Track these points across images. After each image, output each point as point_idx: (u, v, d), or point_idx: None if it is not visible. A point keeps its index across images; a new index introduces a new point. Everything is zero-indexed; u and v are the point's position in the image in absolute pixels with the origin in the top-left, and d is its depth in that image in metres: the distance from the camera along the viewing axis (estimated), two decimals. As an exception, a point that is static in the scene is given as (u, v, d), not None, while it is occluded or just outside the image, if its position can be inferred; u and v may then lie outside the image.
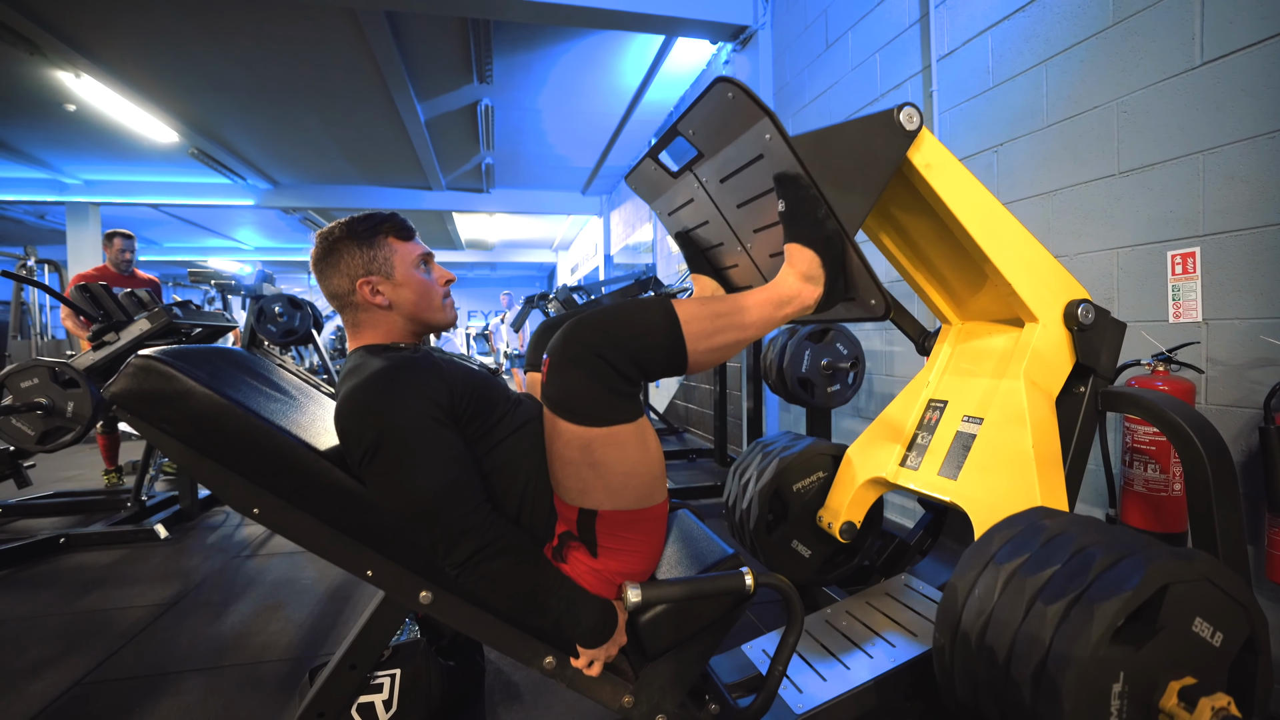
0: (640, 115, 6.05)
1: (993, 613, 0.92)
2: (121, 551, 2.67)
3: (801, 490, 1.63)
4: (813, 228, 0.98)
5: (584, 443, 0.87)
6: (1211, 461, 1.13)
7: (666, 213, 1.43)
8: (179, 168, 7.43)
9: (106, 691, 1.58)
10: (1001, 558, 0.96)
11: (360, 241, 1.04)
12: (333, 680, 1.03)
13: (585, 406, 0.85)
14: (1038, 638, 0.84)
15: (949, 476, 1.33)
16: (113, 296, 2.94)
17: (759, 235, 1.18)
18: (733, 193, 1.15)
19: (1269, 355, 1.42)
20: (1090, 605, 0.81)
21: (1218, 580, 0.87)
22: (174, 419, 0.86)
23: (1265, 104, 1.42)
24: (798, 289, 0.99)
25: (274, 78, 5.04)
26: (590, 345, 0.83)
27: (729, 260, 1.35)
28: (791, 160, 0.95)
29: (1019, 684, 0.85)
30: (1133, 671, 0.82)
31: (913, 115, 1.07)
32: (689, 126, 1.09)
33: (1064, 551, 0.91)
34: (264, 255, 13.86)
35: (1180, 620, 0.85)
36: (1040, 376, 1.29)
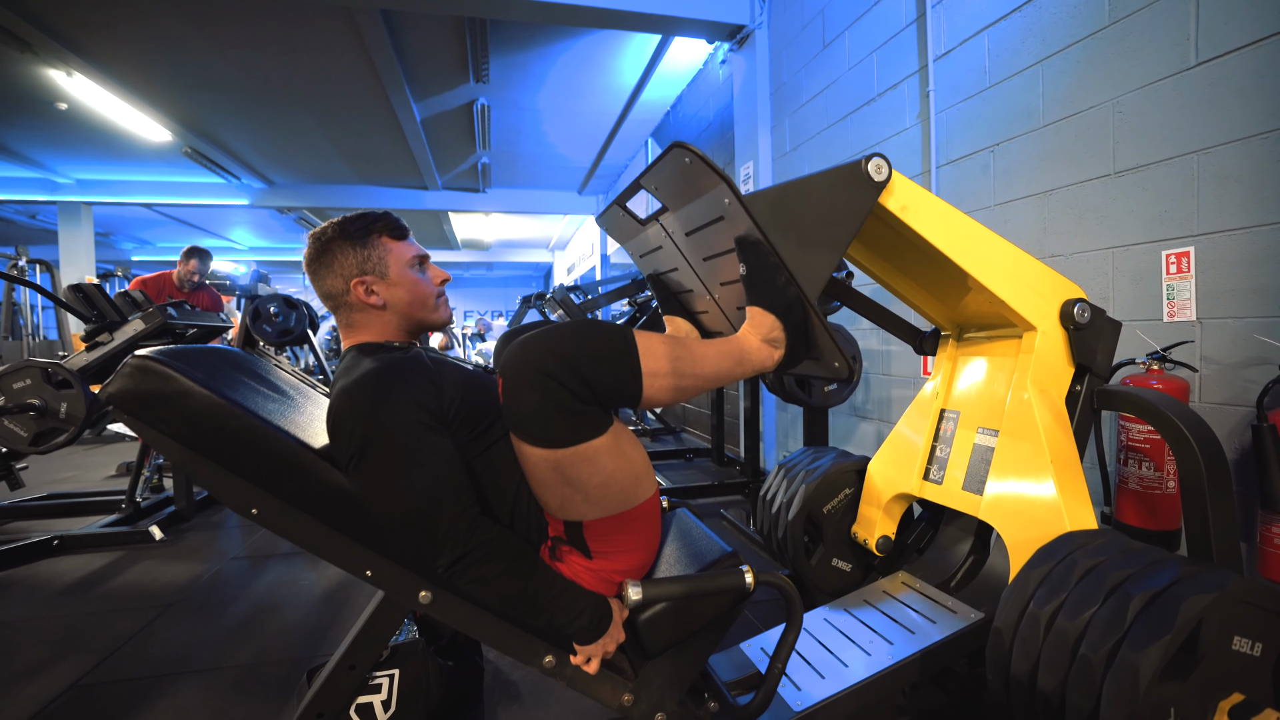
0: (637, 114, 6.05)
1: (1039, 659, 0.96)
2: (117, 553, 2.65)
3: (831, 511, 1.69)
4: (773, 293, 0.97)
5: (552, 463, 0.84)
6: (1206, 460, 1.14)
7: (638, 255, 1.43)
8: (173, 167, 7.39)
9: (102, 694, 1.57)
10: (1040, 600, 1.00)
11: (354, 241, 1.04)
12: (331, 681, 1.03)
13: (545, 430, 0.81)
14: (1088, 687, 0.87)
15: (974, 491, 1.36)
16: (106, 296, 2.93)
17: (725, 288, 1.17)
18: (698, 246, 1.15)
19: (1262, 354, 1.43)
20: (1134, 652, 0.84)
21: (1251, 599, 0.90)
22: (171, 419, 0.86)
23: (1258, 104, 1.43)
24: (755, 349, 0.98)
25: (269, 76, 5.02)
26: (540, 365, 0.79)
27: (699, 306, 1.35)
28: (751, 226, 0.94)
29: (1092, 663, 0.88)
30: (1182, 704, 0.85)
31: (881, 166, 1.06)
32: (652, 182, 1.08)
33: (1098, 590, 0.94)
34: (259, 255, 13.82)
35: (1220, 644, 0.88)
36: (1047, 382, 1.30)
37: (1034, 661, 0.97)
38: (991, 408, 1.39)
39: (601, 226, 1.44)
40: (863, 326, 3.02)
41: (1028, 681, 0.97)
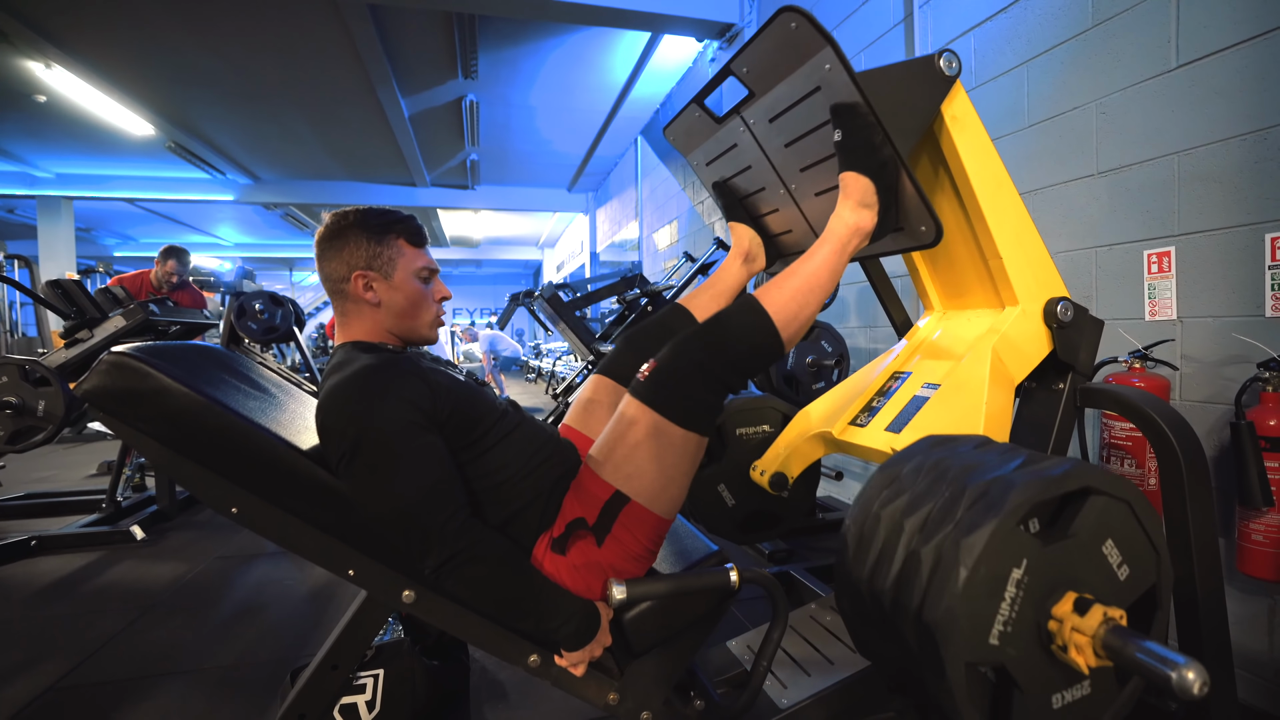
0: (627, 111, 6.04)
1: (912, 493, 0.85)
2: (97, 554, 2.61)
3: (743, 437, 1.62)
4: (869, 155, 1.01)
5: (655, 430, 0.93)
6: (1186, 457, 1.15)
7: (705, 162, 1.44)
8: (156, 162, 7.28)
9: (82, 697, 1.55)
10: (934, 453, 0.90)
11: (370, 234, 1.03)
12: (314, 681, 1.02)
13: (675, 403, 0.92)
14: (952, 509, 0.78)
15: (894, 431, 1.30)
16: (86, 292, 2.88)
17: (805, 174, 1.21)
18: (781, 132, 1.18)
19: (1241, 352, 1.46)
20: (1010, 481, 0.76)
21: (1139, 511, 0.83)
22: (150, 417, 0.84)
23: (1238, 106, 1.44)
24: (855, 219, 1.03)
25: (254, 71, 4.96)
26: (699, 361, 0.92)
27: (768, 206, 1.37)
28: (851, 89, 0.97)
29: (920, 554, 0.79)
30: (1035, 564, 0.76)
31: (952, 61, 1.09)
32: (743, 65, 1.11)
33: (996, 450, 0.86)
34: (244, 252, 13.66)
35: (1093, 536, 0.80)
36: (1008, 358, 1.29)
37: (904, 503, 0.85)
38: (942, 368, 1.36)
39: (669, 138, 1.45)
40: (850, 325, 3.03)
41: (889, 518, 0.86)
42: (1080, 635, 0.76)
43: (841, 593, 0.93)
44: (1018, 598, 0.77)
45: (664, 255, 5.84)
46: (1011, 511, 0.76)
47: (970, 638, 0.76)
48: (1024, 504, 0.77)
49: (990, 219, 1.24)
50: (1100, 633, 0.75)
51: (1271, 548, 1.35)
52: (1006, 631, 0.77)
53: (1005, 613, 0.77)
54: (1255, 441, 1.33)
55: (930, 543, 0.79)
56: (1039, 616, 0.79)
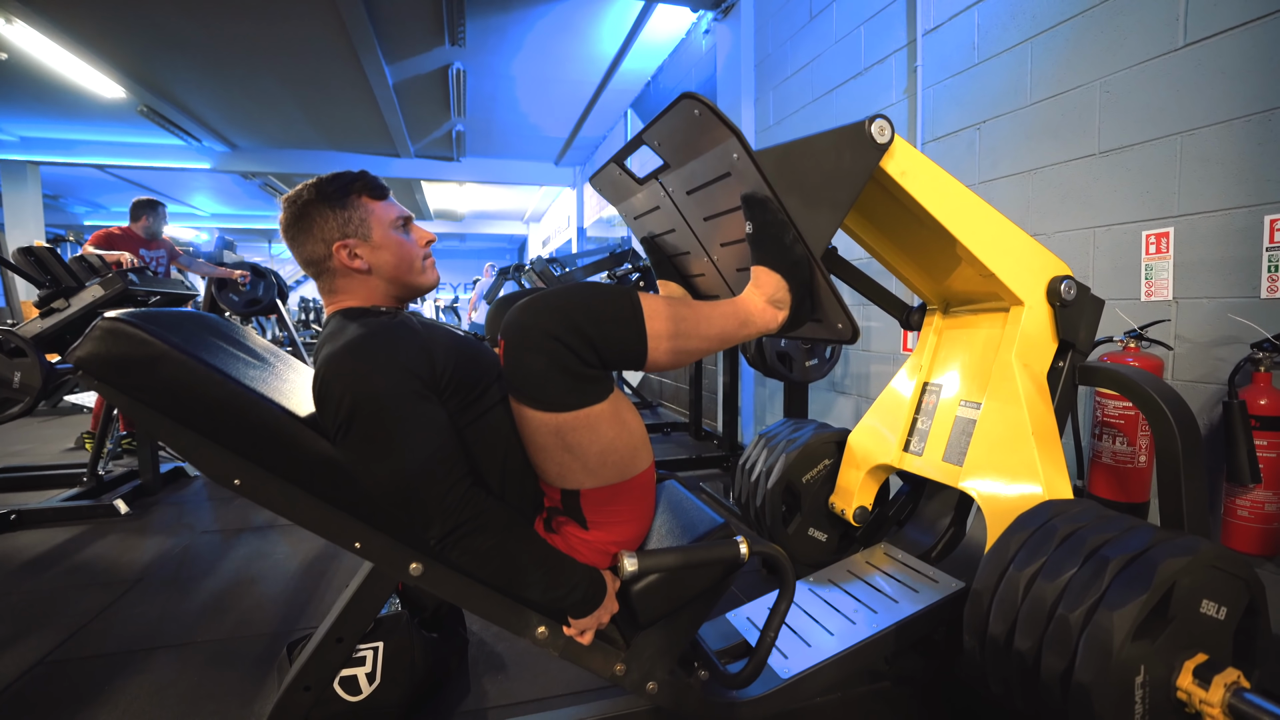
0: (617, 84, 5.92)
1: (1016, 620, 0.98)
2: (79, 528, 2.56)
3: (810, 481, 1.70)
4: (780, 252, 0.96)
5: (554, 428, 0.85)
6: (1182, 434, 1.18)
7: (632, 217, 1.40)
8: (127, 127, 7.01)
9: (71, 671, 1.53)
10: (1020, 563, 1.02)
11: (332, 203, 0.99)
12: (319, 653, 1.01)
13: (549, 393, 0.82)
14: (1063, 646, 0.91)
15: (954, 463, 1.38)
16: (60, 260, 2.78)
17: (726, 249, 1.16)
18: (699, 205, 1.12)
19: (1234, 333, 1.48)
20: (1110, 612, 0.87)
21: (1220, 564, 0.93)
22: (147, 386, 0.81)
23: (1243, 88, 1.45)
24: (760, 310, 0.97)
25: (231, 32, 4.76)
26: (547, 329, 0.78)
27: (696, 269, 1.33)
28: (759, 182, 0.92)
29: (1050, 687, 0.92)
30: (1151, 662, 0.89)
31: (884, 128, 1.05)
32: (655, 137, 1.05)
33: (1077, 554, 0.97)
34: (221, 222, 13.31)
35: (1189, 606, 0.92)
36: (1031, 358, 1.32)
37: (1011, 623, 0.99)
38: (974, 380, 1.41)
39: (595, 188, 1.40)
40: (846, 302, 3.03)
41: (1004, 642, 1.00)
42: (1209, 708, 0.89)
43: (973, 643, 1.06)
44: (1145, 695, 0.90)
45: (654, 232, 5.79)
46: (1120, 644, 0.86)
47: None
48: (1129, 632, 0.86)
49: (971, 246, 1.24)
50: (1226, 699, 0.88)
51: (1256, 523, 1.39)
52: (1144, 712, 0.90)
53: (1140, 710, 0.90)
54: (1246, 420, 1.36)
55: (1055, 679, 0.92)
56: (1168, 693, 0.91)
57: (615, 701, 1.21)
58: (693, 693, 1.11)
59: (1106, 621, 0.87)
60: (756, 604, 1.47)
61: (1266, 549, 1.39)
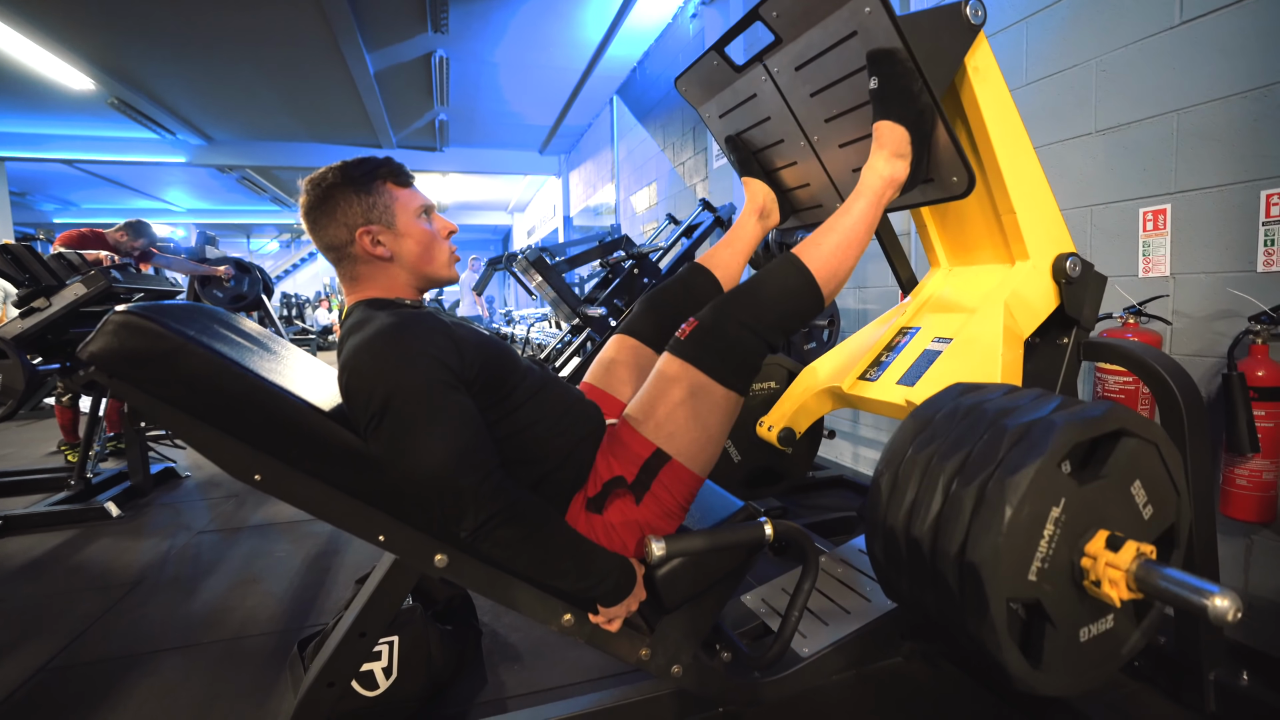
0: (602, 71, 5.86)
1: (949, 438, 0.86)
2: (70, 532, 2.51)
3: (750, 393, 1.62)
4: (906, 103, 1.00)
5: (696, 388, 0.94)
6: (1187, 405, 1.20)
7: (719, 114, 1.40)
8: (98, 120, 6.81)
9: (76, 676, 1.50)
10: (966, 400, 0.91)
11: (358, 188, 0.97)
12: (342, 649, 1.00)
13: (717, 362, 0.94)
14: (994, 449, 0.79)
15: (906, 384, 1.30)
16: (39, 258, 2.70)
17: (830, 125, 1.18)
18: (808, 81, 1.15)
19: (1232, 307, 1.51)
20: (1052, 423, 0.78)
21: (1165, 453, 0.87)
22: (164, 380, 0.79)
23: (1239, 64, 1.46)
24: (890, 170, 1.03)
25: (205, 19, 4.62)
26: (743, 320, 0.94)
27: (785, 160, 1.35)
28: (892, 34, 0.95)
29: (962, 496, 0.80)
30: (1071, 503, 0.80)
31: (978, 10, 1.08)
32: (773, 9, 1.08)
33: (1029, 396, 0.88)
34: (198, 218, 13.02)
35: (1123, 477, 0.84)
36: (1018, 313, 1.31)
37: (944, 442, 0.86)
38: (953, 322, 1.37)
39: (679, 89, 1.41)
40: (839, 287, 3.05)
41: (924, 460, 0.87)
42: (1114, 570, 0.79)
43: (873, 538, 0.94)
44: (1055, 535, 0.80)
45: (643, 219, 5.76)
46: (1054, 451, 0.78)
47: (1012, 575, 0.78)
48: (1065, 444, 0.79)
49: (1007, 174, 1.24)
50: (1134, 567, 0.79)
51: (1254, 491, 1.42)
52: (1044, 568, 0.80)
53: (1044, 550, 0.80)
54: (1245, 391, 1.39)
55: (972, 484, 0.80)
56: (1073, 554, 0.82)
57: (637, 687, 1.21)
58: (716, 675, 1.12)
59: (1047, 429, 0.78)
60: (768, 586, 1.48)
61: (1264, 516, 1.43)
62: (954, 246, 1.52)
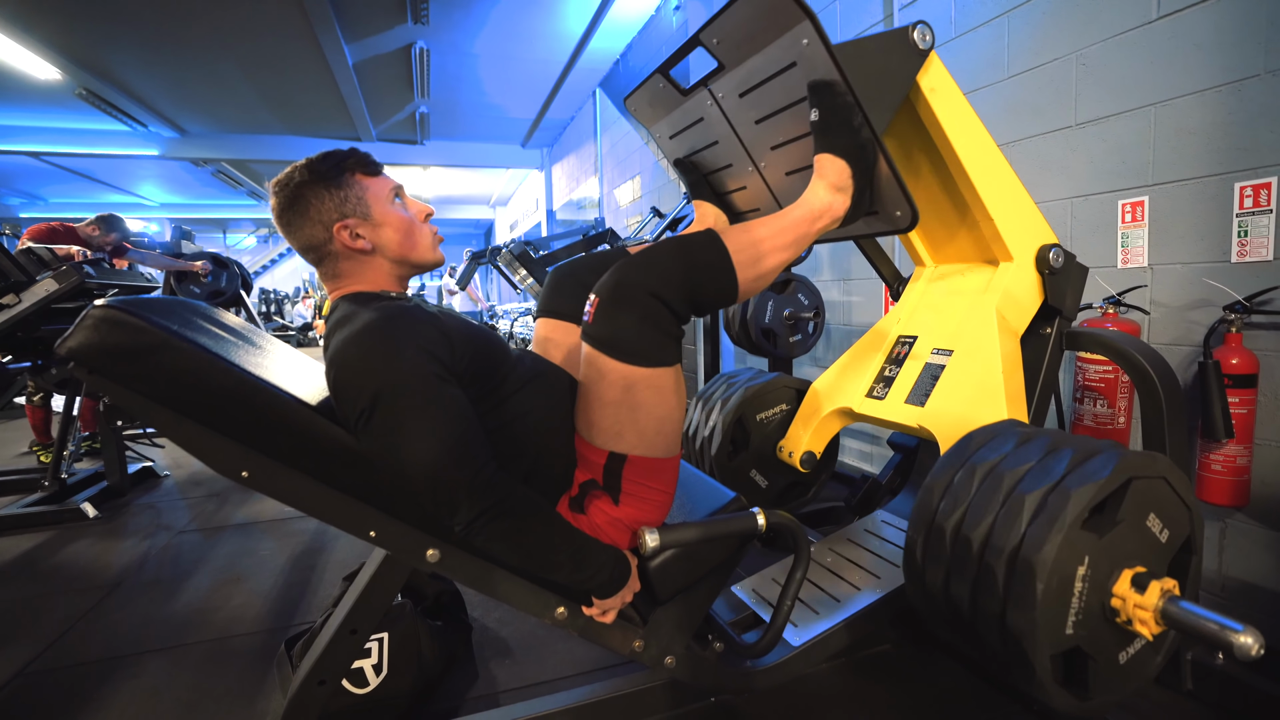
0: (585, 63, 5.82)
1: (970, 504, 0.95)
2: (45, 534, 2.45)
3: (764, 421, 1.67)
4: (847, 137, 0.98)
5: (628, 383, 0.88)
6: (1166, 393, 1.23)
7: (669, 135, 1.39)
8: (65, 112, 6.61)
9: (56, 680, 1.47)
10: (979, 458, 1.00)
11: (327, 183, 0.94)
12: (333, 647, 0.99)
13: (635, 345, 0.86)
14: (1015, 522, 0.88)
15: (916, 404, 1.36)
16: (7, 254, 2.62)
17: (776, 153, 1.17)
18: (752, 108, 1.13)
19: (1208, 297, 1.54)
20: (1066, 491, 0.86)
21: (1173, 481, 0.95)
22: (146, 376, 0.77)
23: (1216, 58, 1.49)
24: (829, 201, 1.00)
25: (177, 7, 4.50)
26: (645, 285, 0.84)
27: (735, 183, 1.33)
28: (830, 66, 0.93)
29: (993, 566, 0.89)
30: (1095, 557, 0.88)
31: (925, 34, 1.09)
32: (713, 35, 1.06)
33: (1039, 450, 0.95)
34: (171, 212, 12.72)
35: (1137, 515, 0.92)
36: (1010, 314, 1.35)
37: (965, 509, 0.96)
38: (950, 331, 1.41)
39: (629, 109, 1.39)
40: (824, 279, 3.07)
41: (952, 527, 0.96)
42: (1142, 611, 0.88)
43: (916, 597, 1.05)
44: (1084, 590, 0.88)
45: (627, 212, 5.75)
46: (1073, 522, 0.85)
47: (1050, 635, 0.86)
48: (1081, 511, 0.85)
49: (978, 183, 1.26)
50: (1160, 604, 0.87)
51: (1229, 475, 1.46)
52: (1079, 619, 0.89)
53: (1076, 605, 0.88)
54: (1220, 379, 1.42)
55: (1001, 557, 0.88)
56: (1103, 598, 0.90)
57: (629, 678, 1.22)
58: (709, 665, 1.13)
59: (1062, 499, 0.85)
60: (757, 577, 1.49)
61: (1238, 500, 1.47)
62: (935, 246, 1.54)
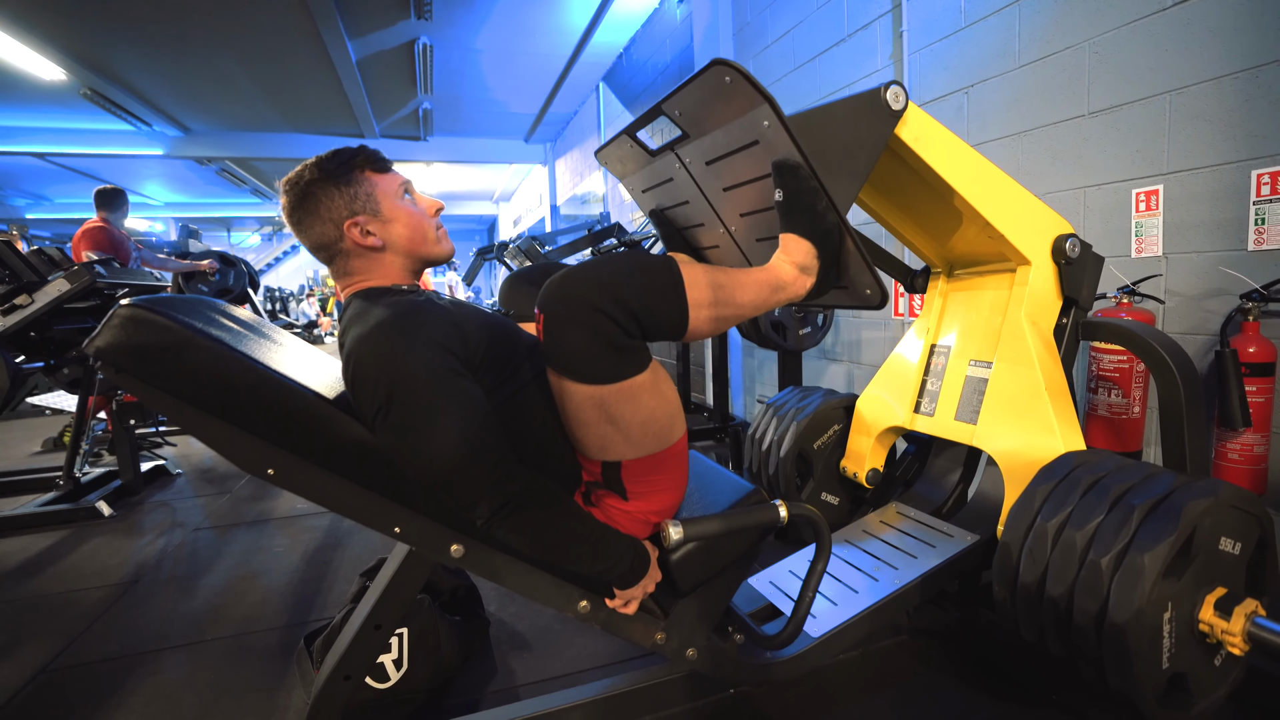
0: (588, 57, 5.80)
1: (1048, 567, 1.03)
2: (62, 532, 2.47)
3: (821, 447, 1.73)
4: (811, 220, 0.94)
5: (597, 401, 0.83)
6: (1184, 383, 1.22)
7: (640, 190, 1.37)
8: (70, 112, 6.62)
9: (79, 675, 1.48)
10: (1047, 514, 1.06)
11: (337, 181, 0.94)
12: (358, 641, 1.00)
13: (591, 366, 0.80)
14: (1096, 589, 0.95)
15: (968, 421, 1.41)
16: (18, 254, 2.63)
17: (745, 219, 1.14)
18: (719, 176, 1.10)
19: (1223, 285, 1.53)
20: (1140, 554, 0.92)
21: (1237, 503, 0.99)
22: (172, 374, 0.78)
23: (1232, 45, 1.48)
24: (792, 278, 0.96)
25: (179, 6, 4.50)
26: (589, 300, 0.76)
27: (708, 241, 1.31)
28: (792, 149, 0.90)
29: (1084, 630, 0.97)
30: (1178, 599, 0.95)
31: (899, 95, 1.05)
32: (675, 108, 1.03)
33: (1103, 501, 1.01)
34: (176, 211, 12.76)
35: (1210, 544, 0.98)
36: (1039, 315, 1.35)
37: (1042, 571, 1.03)
38: (983, 340, 1.44)
39: (601, 161, 1.37)
40: (832, 272, 3.06)
41: (1035, 591, 1.04)
42: (1230, 636, 0.95)
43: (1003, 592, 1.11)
44: (1173, 629, 0.95)
45: (632, 206, 5.73)
46: (1149, 588, 0.91)
47: (1150, 681, 0.95)
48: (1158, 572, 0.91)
49: (981, 208, 1.25)
50: (1246, 627, 0.95)
51: (1246, 464, 1.46)
52: (1173, 652, 0.96)
53: (1168, 644, 0.95)
54: (1238, 367, 1.42)
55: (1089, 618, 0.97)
56: (1192, 626, 0.98)
57: (648, 671, 1.22)
58: (729, 657, 1.13)
59: (1137, 563, 0.92)
60: (774, 569, 1.50)
61: (1255, 487, 1.46)
62: (945, 252, 1.53)
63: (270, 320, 7.84)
